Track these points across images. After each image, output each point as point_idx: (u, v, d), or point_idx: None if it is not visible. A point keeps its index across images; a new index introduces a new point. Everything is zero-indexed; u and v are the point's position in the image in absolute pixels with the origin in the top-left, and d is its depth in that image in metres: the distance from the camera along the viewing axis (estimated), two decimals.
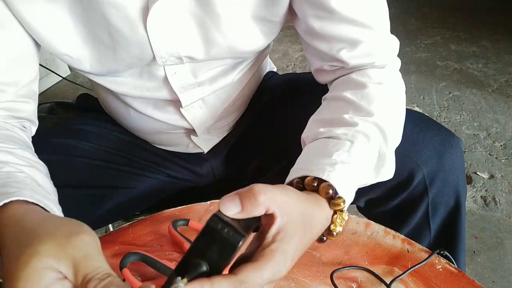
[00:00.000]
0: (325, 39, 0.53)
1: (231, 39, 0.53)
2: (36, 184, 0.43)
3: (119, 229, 0.58)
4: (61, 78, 1.79)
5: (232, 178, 0.78)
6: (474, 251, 1.19)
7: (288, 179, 0.44)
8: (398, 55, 0.59)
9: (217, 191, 0.79)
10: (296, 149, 0.49)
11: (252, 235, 0.37)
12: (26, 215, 0.36)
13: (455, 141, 0.60)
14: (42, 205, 0.39)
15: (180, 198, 0.76)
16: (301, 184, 0.42)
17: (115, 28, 0.49)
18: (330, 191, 0.40)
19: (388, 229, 0.58)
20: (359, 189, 0.46)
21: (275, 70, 0.83)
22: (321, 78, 0.60)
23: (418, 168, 0.57)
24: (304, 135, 0.51)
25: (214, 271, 0.32)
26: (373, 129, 0.47)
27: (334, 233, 0.42)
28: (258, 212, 0.33)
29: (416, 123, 0.60)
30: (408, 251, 0.56)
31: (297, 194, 0.38)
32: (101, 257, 0.31)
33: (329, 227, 0.42)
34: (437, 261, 0.54)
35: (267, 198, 0.33)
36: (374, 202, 0.63)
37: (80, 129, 0.68)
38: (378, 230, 0.58)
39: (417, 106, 1.83)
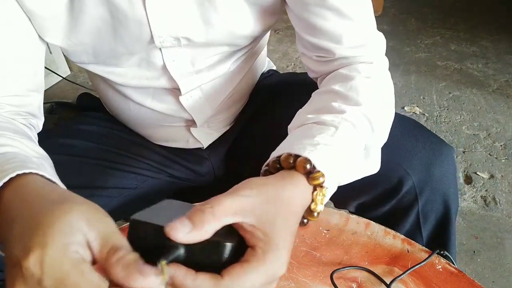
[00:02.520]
0: (313, 29, 0.54)
1: (227, 20, 0.54)
2: (49, 166, 0.43)
3: (119, 229, 0.58)
4: (61, 78, 1.79)
5: (231, 177, 0.78)
6: (474, 251, 1.19)
7: (268, 161, 0.43)
8: (399, 55, 0.59)
9: (217, 191, 0.79)
10: None
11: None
12: (50, 186, 0.36)
13: (446, 149, 0.60)
14: (58, 183, 0.39)
15: (180, 198, 0.76)
16: (278, 164, 0.41)
17: (115, 6, 0.49)
18: (308, 166, 0.38)
19: (388, 229, 0.58)
20: (349, 192, 0.45)
21: (274, 68, 0.84)
22: (309, 66, 0.60)
23: (407, 176, 0.57)
24: (290, 125, 0.51)
25: (192, 263, 0.30)
26: (360, 118, 0.47)
27: (315, 214, 0.40)
28: (213, 226, 0.31)
29: (408, 130, 0.60)
30: (408, 251, 0.56)
31: (257, 183, 0.36)
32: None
33: (309, 206, 0.40)
34: (437, 261, 0.54)
35: (219, 211, 0.31)
36: (364, 207, 0.63)
37: (81, 129, 0.69)
38: (378, 230, 0.58)
39: (417, 106, 1.83)
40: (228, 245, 0.31)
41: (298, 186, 0.38)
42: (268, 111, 0.71)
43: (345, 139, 0.44)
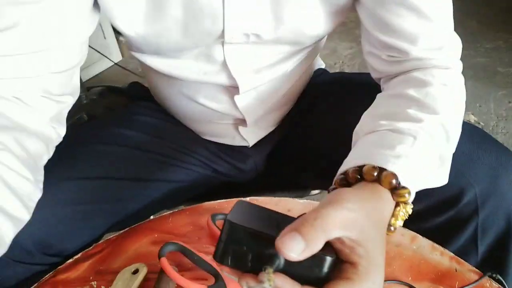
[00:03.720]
0: (387, 27, 0.51)
1: (298, 18, 0.53)
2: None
3: (159, 217, 0.59)
4: (113, 64, 1.85)
5: (272, 174, 0.77)
6: None
7: (343, 168, 0.42)
8: None
9: (255, 186, 0.79)
10: (340, 150, 0.47)
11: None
12: None
13: None
14: None
15: (220, 191, 0.76)
16: (359, 174, 0.39)
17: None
18: (394, 181, 0.37)
19: (436, 245, 0.55)
20: None
21: (323, 67, 0.82)
22: (374, 65, 0.57)
23: (470, 186, 0.53)
24: (357, 129, 0.49)
25: (290, 274, 0.30)
26: (438, 128, 0.45)
27: (392, 228, 0.39)
28: (323, 242, 0.30)
29: (473, 138, 0.56)
30: (456, 270, 0.52)
31: (357, 196, 0.35)
32: None
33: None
34: (488, 285, 0.50)
35: (328, 225, 0.30)
36: (416, 216, 0.59)
37: (135, 119, 0.70)
38: (425, 245, 0.55)
39: (472, 114, 1.72)
40: (329, 259, 0.30)
41: (386, 201, 0.37)
42: (316, 112, 0.70)
43: (423, 150, 0.42)
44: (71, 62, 0.50)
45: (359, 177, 0.39)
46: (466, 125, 0.52)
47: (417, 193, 0.49)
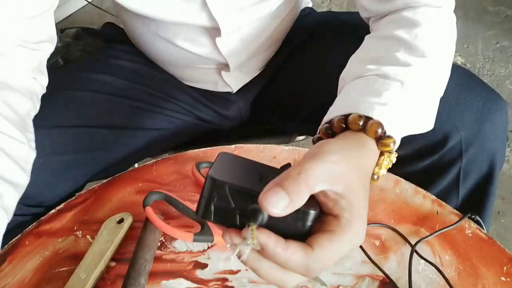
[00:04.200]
0: None
1: None
2: None
3: (143, 166, 0.58)
4: (87, 3, 1.73)
5: (258, 121, 0.76)
6: (499, 212, 1.16)
7: (328, 117, 0.41)
8: None
9: (241, 134, 0.78)
10: (327, 95, 0.46)
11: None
12: None
13: (500, 104, 0.55)
14: None
15: (204, 139, 0.75)
16: (344, 123, 0.38)
17: None
18: (379, 130, 0.37)
19: (418, 188, 0.56)
20: None
21: (310, 5, 0.77)
22: (364, 3, 0.54)
23: (455, 131, 0.53)
24: (344, 74, 0.47)
25: (274, 229, 0.29)
26: (426, 72, 0.43)
27: (376, 177, 0.39)
28: (307, 196, 0.29)
29: (461, 80, 0.55)
30: (437, 213, 0.53)
31: (341, 148, 0.34)
32: None
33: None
34: (467, 226, 0.52)
35: (312, 179, 0.29)
36: (400, 161, 0.59)
37: (113, 64, 0.66)
38: (407, 188, 0.56)
39: (459, 55, 1.71)
40: (313, 213, 0.30)
41: (371, 151, 0.37)
42: (302, 56, 0.67)
43: (411, 96, 0.41)
44: (43, 6, 0.47)
45: (344, 126, 0.38)
46: (454, 67, 0.51)
47: (402, 138, 0.48)
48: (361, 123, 0.37)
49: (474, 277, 0.47)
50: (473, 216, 0.53)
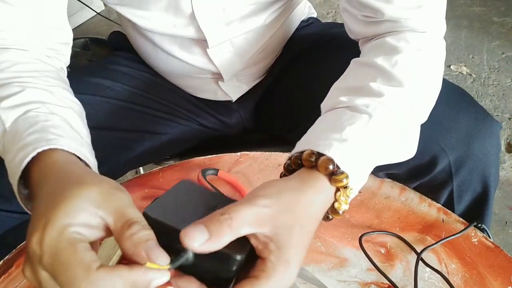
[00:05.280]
0: None
1: None
2: (71, 129, 0.42)
3: (149, 173, 0.59)
4: (95, 13, 1.76)
5: (261, 129, 0.76)
6: (506, 222, 1.15)
7: (290, 154, 0.40)
8: (450, 8, 0.52)
9: (247, 141, 0.78)
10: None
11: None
12: (68, 165, 0.36)
13: (490, 124, 0.54)
14: (78, 154, 0.39)
15: (210, 146, 0.75)
16: (300, 160, 0.38)
17: None
18: (330, 166, 0.35)
19: (424, 197, 0.56)
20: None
21: (315, 16, 0.78)
22: (350, 26, 0.54)
23: (443, 154, 0.52)
24: (323, 104, 0.46)
25: (200, 269, 0.30)
26: (400, 101, 0.42)
27: (340, 211, 0.38)
28: (230, 238, 0.30)
29: (448, 100, 0.53)
30: (443, 221, 0.53)
31: (277, 190, 0.34)
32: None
33: (332, 205, 0.37)
34: (473, 234, 0.52)
35: (236, 222, 0.30)
36: (395, 178, 0.59)
37: (115, 70, 0.67)
38: (413, 196, 0.56)
39: (465, 66, 1.71)
40: (238, 258, 0.30)
41: (320, 188, 0.36)
42: (302, 64, 0.67)
43: (379, 128, 0.40)
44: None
45: (300, 162, 0.38)
46: (444, 85, 0.49)
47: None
48: (313, 159, 0.36)
49: (480, 285, 0.47)
50: (479, 225, 0.52)
